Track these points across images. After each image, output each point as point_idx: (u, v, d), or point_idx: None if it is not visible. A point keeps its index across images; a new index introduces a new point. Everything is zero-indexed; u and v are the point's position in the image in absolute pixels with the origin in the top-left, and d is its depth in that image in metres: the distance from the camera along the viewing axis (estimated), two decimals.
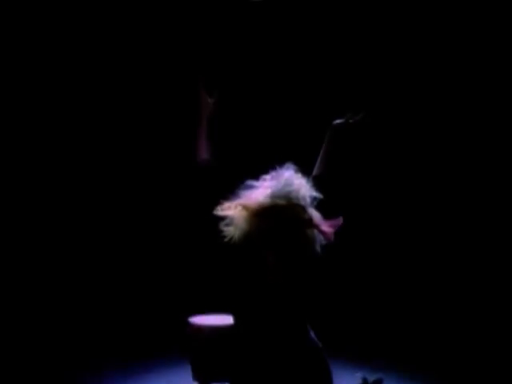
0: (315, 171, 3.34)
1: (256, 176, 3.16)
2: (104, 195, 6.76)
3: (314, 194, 3.08)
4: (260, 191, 3.08)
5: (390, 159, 6.77)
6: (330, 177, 3.29)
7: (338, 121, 3.36)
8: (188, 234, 6.27)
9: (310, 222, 3.03)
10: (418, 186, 6.83)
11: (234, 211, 3.06)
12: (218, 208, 3.08)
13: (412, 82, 6.73)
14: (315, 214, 3.05)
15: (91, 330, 6.43)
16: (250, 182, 3.12)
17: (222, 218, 3.07)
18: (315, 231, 3.04)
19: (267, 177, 3.13)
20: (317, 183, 3.13)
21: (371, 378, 5.24)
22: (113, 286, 6.70)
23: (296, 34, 6.66)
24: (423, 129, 6.80)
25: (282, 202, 3.04)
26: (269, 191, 3.07)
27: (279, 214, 3.03)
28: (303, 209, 3.04)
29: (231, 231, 3.05)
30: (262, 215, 3.04)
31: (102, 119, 6.70)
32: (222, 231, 3.07)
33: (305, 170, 3.16)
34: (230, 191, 3.12)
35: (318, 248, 3.05)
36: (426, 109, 6.80)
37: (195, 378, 4.96)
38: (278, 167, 3.12)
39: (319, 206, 3.08)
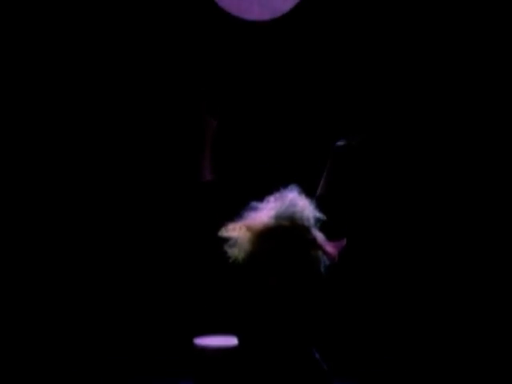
0: (319, 192, 3.35)
1: (260, 197, 3.17)
2: (107, 216, 6.75)
3: (318, 215, 3.10)
4: (264, 212, 3.10)
5: (392, 179, 6.76)
6: (334, 198, 3.30)
7: (340, 142, 3.38)
8: (193, 254, 6.26)
9: (313, 243, 3.05)
10: (422, 207, 6.81)
11: (238, 232, 3.08)
12: (223, 229, 3.10)
13: (414, 103, 6.74)
14: (319, 235, 3.07)
15: (94, 350, 6.41)
16: (254, 204, 3.14)
17: (226, 239, 3.09)
18: (319, 252, 3.06)
19: (271, 198, 3.15)
20: (320, 204, 3.14)
21: None
22: (118, 306, 6.67)
23: (297, 55, 6.68)
24: (426, 149, 6.79)
25: (286, 223, 3.06)
26: (273, 212, 3.09)
27: (283, 235, 3.05)
28: (307, 230, 3.06)
29: (235, 252, 3.07)
30: (266, 236, 3.06)
31: (106, 139, 6.70)
32: (226, 252, 3.08)
33: (308, 191, 3.18)
34: (234, 212, 3.15)
35: (322, 269, 3.06)
36: (428, 129, 6.80)
37: None
38: (281, 188, 3.14)
39: (323, 227, 3.10)
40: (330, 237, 3.08)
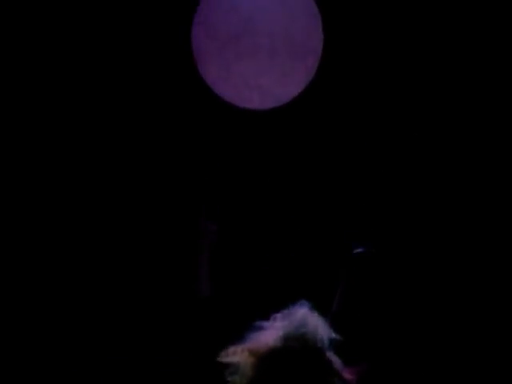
0: (333, 309, 3.34)
1: (265, 315, 3.11)
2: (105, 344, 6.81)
3: (333, 335, 3.03)
4: (270, 333, 3.03)
5: (417, 293, 6.76)
6: (352, 315, 3.27)
7: (358, 250, 3.38)
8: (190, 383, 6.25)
9: (328, 369, 2.97)
10: (445, 324, 6.83)
11: (240, 357, 3.01)
12: (222, 353, 3.03)
13: (436, 209, 6.80)
14: (335, 359, 2.99)
15: None
16: (258, 323, 3.08)
17: (227, 365, 3.02)
18: (335, 379, 2.97)
19: (278, 316, 3.08)
20: (336, 323, 3.11)
21: None
22: None
23: (305, 150, 6.75)
24: (447, 258, 6.84)
25: (295, 345, 2.99)
26: (280, 333, 3.02)
27: (293, 360, 2.98)
28: (321, 353, 2.98)
29: (237, 380, 2.99)
30: (272, 361, 2.98)
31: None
32: (226, 380, 3.01)
33: (321, 307, 3.11)
34: (235, 333, 3.08)
35: None
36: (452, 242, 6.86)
37: None
38: (290, 304, 3.08)
39: (339, 349, 3.03)
40: (347, 361, 3.03)
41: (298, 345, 2.98)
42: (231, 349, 3.04)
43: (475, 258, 6.85)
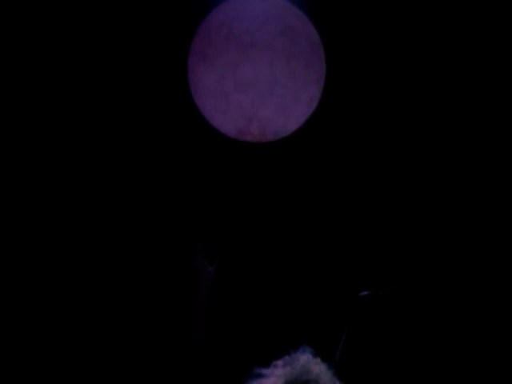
0: (338, 355, 3.32)
1: (265, 362, 3.08)
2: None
3: (337, 383, 2.99)
4: (271, 380, 2.99)
5: (427, 336, 6.76)
6: (357, 362, 3.24)
7: (364, 293, 3.36)
8: None
9: None
10: (452, 370, 6.84)
11: None
12: None
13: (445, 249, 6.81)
14: None
15: None
16: (258, 370, 3.04)
17: None
18: None
19: (279, 362, 3.04)
20: (340, 369, 3.06)
21: None
22: None
23: (308, 185, 6.75)
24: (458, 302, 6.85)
25: None
26: (282, 380, 2.98)
27: None
28: None
29: None
30: None
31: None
32: None
33: (325, 353, 3.08)
34: (234, 381, 3.06)
35: None
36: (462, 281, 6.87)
37: None
38: (291, 350, 3.05)
39: None
40: None
41: None
42: None
43: (480, 303, 6.88)
